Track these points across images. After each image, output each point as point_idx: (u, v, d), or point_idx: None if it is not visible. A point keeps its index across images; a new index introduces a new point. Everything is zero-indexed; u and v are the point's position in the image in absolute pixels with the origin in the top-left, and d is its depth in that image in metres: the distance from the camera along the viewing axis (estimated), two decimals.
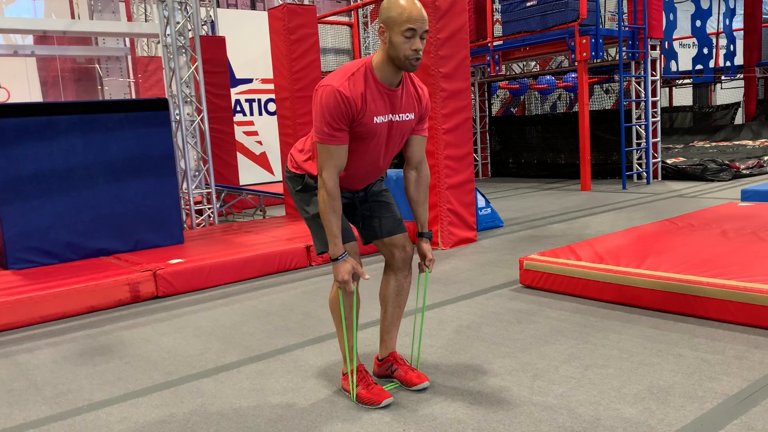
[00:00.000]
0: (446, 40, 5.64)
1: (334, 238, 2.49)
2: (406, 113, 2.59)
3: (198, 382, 3.07)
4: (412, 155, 2.73)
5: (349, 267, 2.50)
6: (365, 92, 2.45)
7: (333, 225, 2.48)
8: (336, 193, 2.47)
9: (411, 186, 2.76)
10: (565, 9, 9.24)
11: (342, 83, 2.41)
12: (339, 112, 2.40)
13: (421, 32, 2.38)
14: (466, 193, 5.94)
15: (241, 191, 8.78)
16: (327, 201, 2.46)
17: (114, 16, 9.30)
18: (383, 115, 2.51)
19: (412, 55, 2.39)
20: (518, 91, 13.53)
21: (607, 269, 3.86)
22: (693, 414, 2.40)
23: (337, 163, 2.46)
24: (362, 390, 2.69)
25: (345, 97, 2.39)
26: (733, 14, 14.12)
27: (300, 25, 7.30)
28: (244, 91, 12.93)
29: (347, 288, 2.53)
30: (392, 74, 2.48)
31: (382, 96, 2.49)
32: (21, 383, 3.23)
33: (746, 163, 10.09)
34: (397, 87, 2.53)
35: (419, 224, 2.79)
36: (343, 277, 2.50)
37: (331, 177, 2.46)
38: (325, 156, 2.45)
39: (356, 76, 2.45)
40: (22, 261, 5.23)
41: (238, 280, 5.15)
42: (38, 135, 5.24)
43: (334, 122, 2.41)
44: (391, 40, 2.39)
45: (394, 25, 2.37)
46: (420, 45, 2.39)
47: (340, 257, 2.50)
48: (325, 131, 2.42)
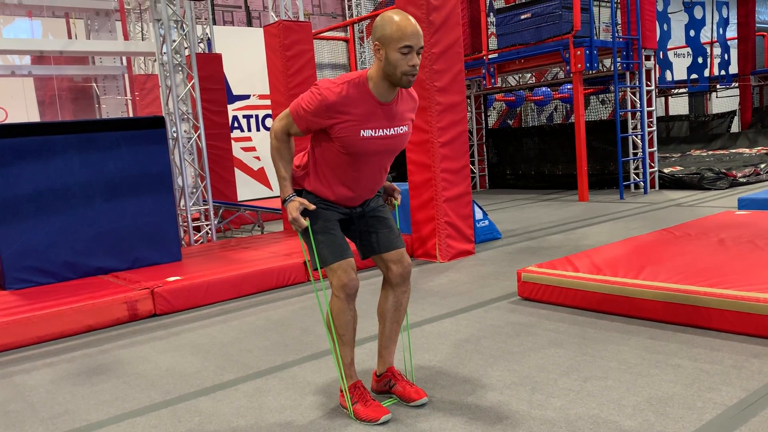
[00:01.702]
0: (441, 54, 5.67)
1: (283, 180, 2.62)
2: (400, 126, 2.61)
3: (196, 401, 3.06)
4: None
5: (297, 204, 2.58)
6: (358, 103, 2.47)
7: (281, 168, 2.62)
8: (283, 141, 2.61)
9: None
10: (559, 21, 9.30)
11: (329, 87, 2.47)
12: (317, 108, 2.49)
13: (418, 48, 2.40)
14: (463, 206, 5.95)
15: (239, 207, 8.79)
16: (275, 147, 2.62)
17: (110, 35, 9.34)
18: (373, 129, 2.52)
19: (410, 71, 2.41)
20: (514, 103, 13.58)
21: (605, 280, 3.86)
22: (692, 425, 2.39)
23: (290, 131, 2.61)
24: (360, 407, 2.68)
25: (329, 101, 2.46)
26: (727, 23, 14.21)
27: (296, 41, 7.34)
28: (241, 107, 12.98)
29: (300, 224, 2.58)
30: (386, 90, 2.49)
31: (374, 110, 2.51)
32: (18, 404, 3.21)
33: (743, 171, 10.12)
34: (391, 101, 2.54)
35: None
36: (292, 214, 2.57)
37: (283, 129, 2.60)
38: (285, 119, 2.60)
39: (350, 85, 2.47)
40: (19, 281, 5.22)
41: (236, 297, 5.14)
42: (35, 154, 5.26)
43: (307, 108, 2.51)
44: (387, 57, 2.40)
45: (390, 42, 2.38)
46: (417, 60, 2.41)
47: (288, 198, 2.60)
48: (297, 108, 2.55)
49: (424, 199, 5.90)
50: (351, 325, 2.69)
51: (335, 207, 2.70)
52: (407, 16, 2.39)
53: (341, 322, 2.66)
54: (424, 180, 5.85)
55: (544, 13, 9.50)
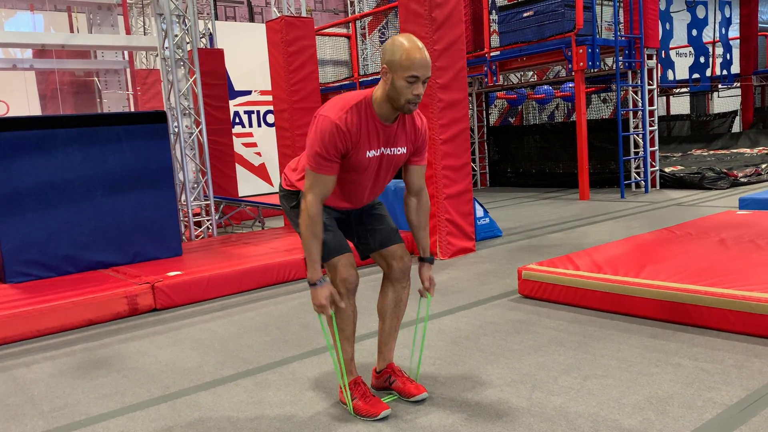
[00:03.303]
0: (443, 51, 5.66)
1: (314, 263, 2.50)
2: (399, 147, 2.62)
3: (196, 396, 3.06)
4: (411, 183, 2.76)
5: (327, 293, 2.50)
6: (361, 127, 2.47)
7: (313, 250, 2.49)
8: (318, 219, 2.48)
9: (412, 212, 2.79)
10: (562, 19, 9.28)
11: (340, 116, 2.43)
12: (333, 144, 2.43)
13: (424, 78, 2.39)
14: (464, 203, 5.94)
15: (240, 203, 8.79)
16: (308, 224, 2.48)
17: (113, 29, 9.34)
18: (375, 149, 2.55)
19: (413, 100, 2.41)
20: (516, 101, 13.57)
21: (606, 279, 3.86)
22: (692, 424, 2.39)
23: (322, 191, 2.49)
24: (360, 402, 2.68)
25: (341, 131, 2.42)
26: (729, 23, 14.19)
27: (298, 37, 7.33)
28: (242, 102, 12.97)
29: (325, 312, 2.52)
30: (390, 111, 2.50)
31: (377, 131, 2.52)
32: (18, 398, 3.21)
33: (744, 171, 10.11)
34: (393, 123, 2.55)
35: (420, 249, 2.80)
36: (320, 301, 2.50)
37: (315, 203, 2.47)
38: (312, 182, 2.48)
39: (354, 109, 2.46)
40: (20, 274, 5.22)
41: (236, 292, 5.14)
42: (37, 148, 5.25)
43: (327, 153, 2.43)
44: (393, 82, 2.40)
45: (398, 70, 2.37)
46: (421, 90, 2.40)
47: (318, 282, 2.50)
48: (317, 160, 2.45)
49: None
50: (351, 320, 2.69)
51: (332, 208, 2.72)
52: (417, 45, 2.37)
53: (341, 317, 2.67)
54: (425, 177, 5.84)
55: (546, 11, 9.49)
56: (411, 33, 5.72)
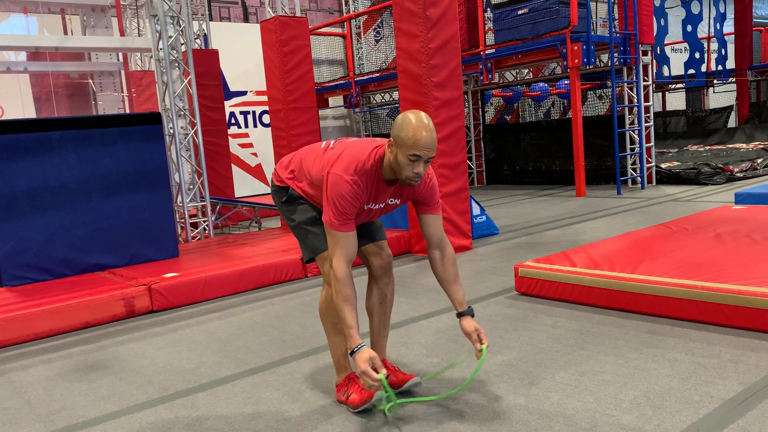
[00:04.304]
0: (438, 49, 5.66)
1: (349, 329, 2.41)
2: (393, 199, 2.66)
3: (193, 397, 3.05)
4: (431, 235, 2.69)
5: (367, 356, 2.37)
6: (370, 187, 2.53)
7: (348, 317, 2.42)
8: (348, 282, 2.44)
9: (438, 267, 2.70)
10: (557, 16, 9.28)
11: (354, 178, 2.46)
12: (350, 203, 2.46)
13: (426, 158, 2.40)
14: (460, 201, 5.94)
15: (237, 203, 8.77)
16: (339, 291, 2.43)
17: (107, 31, 9.32)
18: (372, 203, 2.59)
19: (413, 177, 2.43)
20: (512, 99, 13.56)
21: (603, 275, 3.86)
22: (689, 419, 2.40)
23: (347, 251, 2.47)
24: (355, 396, 2.68)
25: (359, 193, 2.47)
26: (724, 18, 14.21)
27: (292, 37, 7.32)
28: (238, 103, 12.95)
29: (371, 378, 2.33)
30: (392, 177, 2.54)
31: (379, 190, 2.57)
32: (15, 401, 3.20)
33: (740, 166, 10.12)
34: (394, 183, 2.60)
35: (456, 304, 2.68)
36: (362, 367, 2.35)
37: (341, 266, 2.45)
38: (335, 244, 2.47)
39: (369, 172, 2.50)
40: (16, 278, 5.21)
41: (233, 293, 5.14)
42: (32, 151, 5.24)
43: (345, 211, 2.46)
44: (396, 156, 2.42)
45: (402, 146, 2.39)
46: (422, 170, 2.42)
47: (357, 349, 2.38)
48: (338, 219, 2.46)
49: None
50: None
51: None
52: (425, 125, 2.37)
53: (333, 311, 2.67)
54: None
55: (541, 8, 9.49)
56: (405, 31, 5.73)
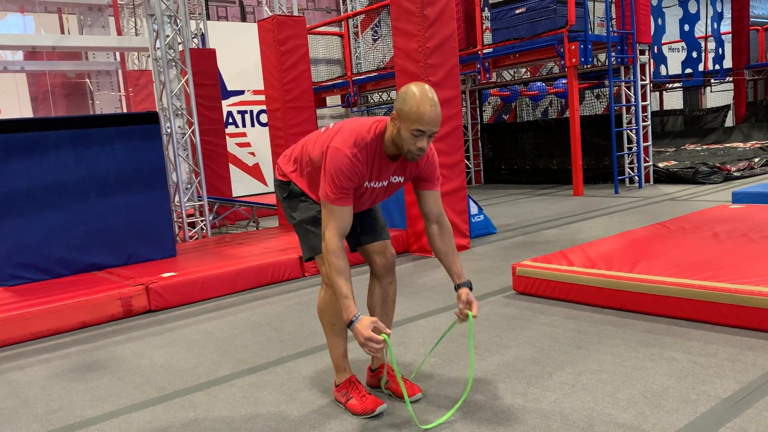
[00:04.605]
0: (435, 48, 5.66)
1: (345, 299, 2.37)
2: (396, 177, 2.63)
3: (191, 396, 3.05)
4: (428, 211, 2.68)
5: (368, 323, 2.31)
6: (369, 161, 2.49)
7: (342, 287, 2.39)
8: (340, 254, 2.42)
9: (435, 240, 2.69)
10: (554, 16, 9.28)
11: (354, 151, 2.43)
12: (348, 177, 2.43)
13: (430, 133, 2.38)
14: (458, 201, 5.94)
15: (234, 203, 8.77)
16: (332, 263, 2.41)
17: (104, 30, 9.30)
18: (375, 181, 2.56)
19: (416, 152, 2.41)
20: (509, 98, 13.56)
21: (600, 274, 3.86)
22: (686, 418, 2.40)
23: (340, 224, 2.45)
24: (355, 401, 2.68)
25: (358, 166, 2.44)
26: (721, 18, 14.22)
27: (290, 36, 7.32)
28: (236, 102, 12.94)
29: (376, 343, 2.28)
30: (395, 151, 2.51)
31: (381, 166, 2.54)
32: (12, 401, 3.20)
33: (737, 165, 10.14)
34: (397, 159, 2.56)
35: (454, 276, 2.67)
36: (364, 335, 2.28)
37: (335, 237, 2.43)
38: (329, 216, 2.45)
39: (369, 146, 2.47)
40: (13, 278, 5.20)
41: (231, 293, 5.13)
42: (29, 150, 5.23)
43: (342, 185, 2.43)
44: (399, 130, 2.40)
45: (405, 120, 2.36)
46: (425, 144, 2.39)
47: (355, 319, 2.34)
48: (334, 192, 2.43)
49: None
50: (342, 314, 2.68)
51: None
52: (429, 99, 2.35)
53: (332, 311, 2.66)
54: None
55: (538, 7, 9.49)
56: (403, 30, 5.73)
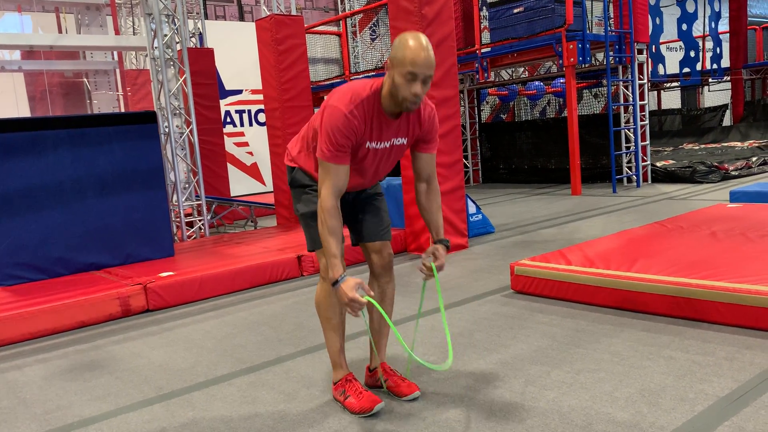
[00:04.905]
0: (433, 47, 5.64)
1: (333, 258, 2.39)
2: (399, 138, 2.60)
3: (189, 396, 3.05)
4: (420, 170, 2.70)
5: (352, 284, 2.34)
6: (367, 120, 2.46)
7: (331, 246, 2.40)
8: (334, 213, 2.42)
9: (422, 197, 2.72)
10: (552, 15, 9.29)
11: (350, 108, 2.42)
12: (344, 135, 2.41)
13: (424, 77, 2.36)
14: (456, 200, 5.95)
15: (232, 202, 8.77)
16: (323, 220, 2.41)
17: (101, 29, 9.29)
18: (376, 141, 2.53)
19: (410, 98, 2.38)
20: (507, 98, 13.58)
21: (598, 273, 3.87)
22: (684, 416, 2.41)
23: (336, 183, 2.44)
24: (353, 400, 2.68)
25: (354, 123, 2.42)
26: (719, 17, 14.23)
27: (288, 36, 7.32)
28: (233, 102, 12.93)
29: (358, 304, 2.32)
30: (394, 106, 2.48)
31: (381, 125, 2.51)
32: (10, 401, 3.20)
33: (735, 164, 10.15)
34: (400, 117, 2.54)
35: (433, 231, 2.70)
36: (347, 295, 2.32)
37: (330, 196, 2.42)
38: (325, 175, 2.44)
39: (365, 103, 2.45)
40: (11, 277, 5.19)
41: (229, 292, 5.13)
42: (26, 150, 5.22)
43: (338, 143, 2.41)
44: (393, 78, 2.38)
45: (398, 66, 2.36)
46: (420, 90, 2.37)
47: (339, 279, 2.37)
48: (330, 149, 2.42)
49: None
50: (338, 309, 2.67)
51: None
52: (422, 44, 2.35)
53: (328, 305, 2.65)
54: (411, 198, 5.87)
55: (536, 7, 9.50)
56: (401, 30, 5.72)
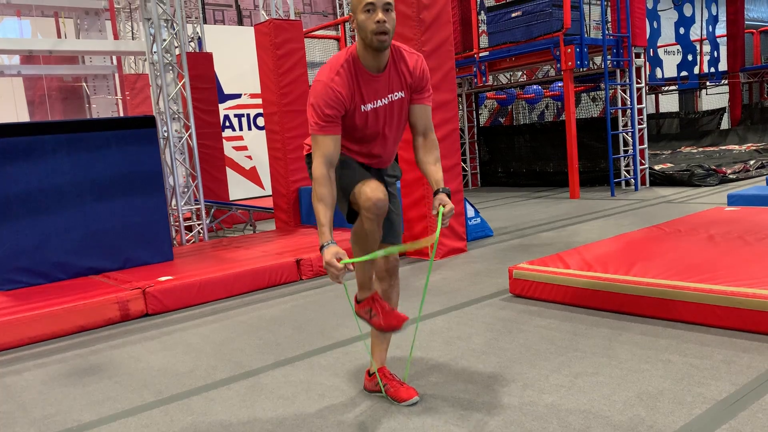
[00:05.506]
0: (432, 52, 5.68)
1: (321, 227, 2.45)
2: (395, 92, 2.61)
3: (188, 400, 3.05)
4: (416, 124, 2.70)
5: (335, 250, 2.39)
6: (351, 84, 2.50)
7: (320, 214, 2.46)
8: (324, 182, 2.46)
9: (419, 150, 2.71)
10: (550, 19, 9.32)
11: (331, 77, 2.47)
12: (329, 105, 2.46)
13: (382, 5, 2.40)
14: (455, 203, 5.95)
15: (231, 206, 8.77)
16: (314, 187, 2.49)
17: (100, 34, 9.30)
18: (372, 102, 2.55)
19: (377, 28, 2.39)
20: (506, 101, 13.61)
21: (596, 277, 3.88)
22: (682, 420, 2.41)
23: (326, 153, 2.47)
24: (380, 318, 2.68)
25: (336, 91, 2.46)
26: (716, 21, 14.27)
27: (287, 40, 7.34)
28: (232, 106, 12.94)
29: (336, 270, 2.37)
30: (373, 59, 2.51)
31: (368, 83, 2.53)
32: (9, 406, 3.20)
33: (733, 167, 10.18)
34: (383, 71, 2.55)
35: (433, 183, 2.67)
36: (327, 258, 2.39)
37: (321, 165, 2.47)
38: (316, 146, 2.50)
39: (343, 69, 2.49)
40: (10, 282, 5.19)
41: (228, 296, 5.14)
42: (25, 155, 5.23)
43: (324, 113, 2.46)
44: (357, 23, 2.44)
45: (356, 7, 2.43)
46: (382, 16, 2.39)
47: (325, 245, 2.42)
48: (315, 122, 2.48)
49: (416, 197, 5.91)
50: (376, 245, 2.65)
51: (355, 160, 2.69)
52: None
53: (369, 242, 2.62)
54: (415, 178, 5.87)
55: (534, 11, 9.53)
56: (399, 34, 5.74)
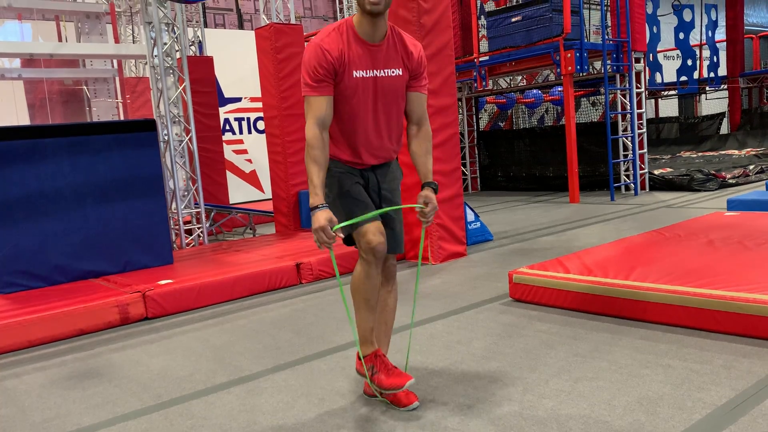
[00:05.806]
0: (432, 56, 5.69)
1: (314, 188, 2.50)
2: (391, 69, 2.65)
3: (188, 404, 3.05)
4: (411, 112, 2.77)
5: (328, 215, 2.44)
6: (344, 46, 2.56)
7: (314, 175, 2.51)
8: (317, 143, 2.52)
9: (412, 140, 2.77)
10: (550, 24, 9.34)
11: (322, 38, 2.55)
12: (320, 64, 2.52)
13: None
14: (455, 208, 5.96)
15: (231, 210, 8.77)
16: (307, 150, 2.54)
17: (101, 38, 9.32)
18: (364, 69, 2.59)
19: None
20: (505, 106, 13.61)
21: (596, 281, 3.88)
22: (682, 425, 2.41)
23: (318, 114, 2.54)
24: (383, 376, 2.70)
25: (325, 50, 2.52)
26: (716, 26, 14.31)
27: (287, 44, 7.35)
28: (233, 110, 12.95)
29: (327, 235, 2.43)
30: (370, 27, 2.57)
31: (363, 51, 2.59)
32: (8, 409, 3.20)
33: (732, 172, 10.18)
34: (380, 42, 2.60)
35: (421, 175, 2.73)
36: (320, 223, 2.43)
37: (313, 127, 2.54)
38: (308, 108, 2.56)
39: (336, 31, 2.58)
40: (10, 285, 5.19)
41: (228, 300, 5.13)
42: (26, 158, 5.23)
43: (315, 73, 2.53)
44: None
45: None
46: None
47: (319, 207, 2.46)
48: (307, 83, 2.55)
49: (416, 201, 5.89)
50: (377, 290, 2.69)
51: (351, 171, 2.71)
52: None
53: (369, 287, 2.65)
54: (415, 182, 5.85)
55: (534, 15, 9.55)
56: None
